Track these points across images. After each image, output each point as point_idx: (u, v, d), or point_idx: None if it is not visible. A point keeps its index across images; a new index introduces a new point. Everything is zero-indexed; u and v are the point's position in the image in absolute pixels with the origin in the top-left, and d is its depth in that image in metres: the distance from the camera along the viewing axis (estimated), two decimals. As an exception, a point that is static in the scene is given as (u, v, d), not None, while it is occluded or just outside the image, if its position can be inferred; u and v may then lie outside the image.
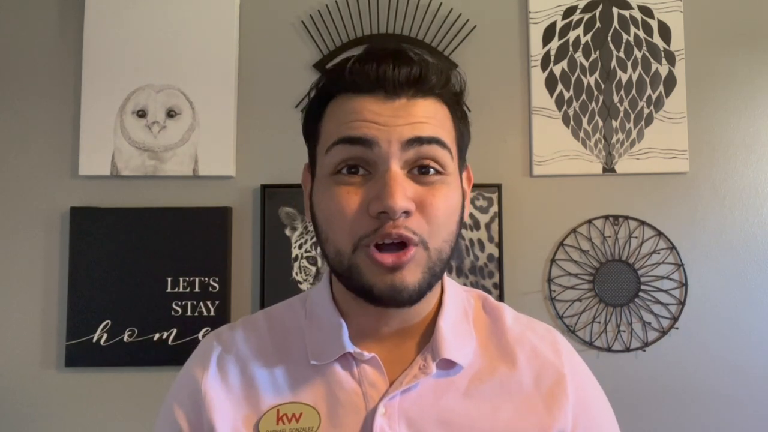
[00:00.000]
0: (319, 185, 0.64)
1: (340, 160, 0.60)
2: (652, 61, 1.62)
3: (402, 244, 0.59)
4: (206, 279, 1.56)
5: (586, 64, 1.62)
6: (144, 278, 1.56)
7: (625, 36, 1.63)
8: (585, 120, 1.61)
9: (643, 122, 1.61)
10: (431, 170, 0.61)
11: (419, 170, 0.60)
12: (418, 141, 0.59)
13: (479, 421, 0.62)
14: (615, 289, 1.58)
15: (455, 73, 0.66)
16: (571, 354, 0.71)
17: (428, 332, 0.67)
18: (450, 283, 0.71)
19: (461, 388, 0.64)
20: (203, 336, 1.53)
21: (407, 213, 0.59)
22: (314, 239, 1.55)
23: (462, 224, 0.66)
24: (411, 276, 0.60)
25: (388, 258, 0.59)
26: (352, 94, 0.62)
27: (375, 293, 0.60)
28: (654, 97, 1.61)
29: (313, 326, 0.68)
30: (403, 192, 0.58)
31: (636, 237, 1.59)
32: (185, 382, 0.67)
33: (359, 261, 0.60)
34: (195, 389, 0.66)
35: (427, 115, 0.61)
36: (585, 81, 1.62)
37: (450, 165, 0.62)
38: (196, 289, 1.56)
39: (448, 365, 0.65)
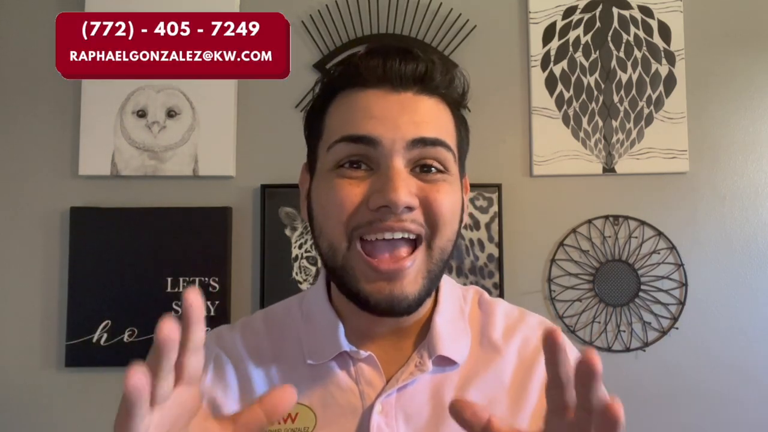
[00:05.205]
0: (319, 181, 0.63)
1: (343, 156, 0.60)
2: (652, 61, 1.62)
3: (399, 242, 0.58)
4: (206, 279, 1.56)
5: (586, 64, 1.62)
6: (144, 278, 1.55)
7: (625, 36, 1.63)
8: (585, 120, 1.61)
9: (643, 122, 1.61)
10: (433, 169, 0.60)
11: (421, 169, 0.60)
12: (422, 142, 0.59)
13: None
14: (615, 289, 1.58)
15: (459, 75, 0.65)
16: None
17: (424, 330, 0.67)
18: (446, 280, 0.71)
19: (457, 383, 0.64)
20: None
21: (410, 209, 0.58)
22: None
23: (461, 230, 0.65)
24: (411, 285, 0.59)
25: (384, 263, 0.58)
26: (358, 89, 0.61)
27: (371, 303, 0.59)
28: (654, 97, 1.61)
29: (309, 326, 0.68)
30: (406, 187, 0.57)
31: (636, 237, 1.59)
32: None
33: (353, 262, 0.59)
34: None
35: (432, 115, 0.61)
36: (585, 81, 1.62)
37: (453, 166, 0.62)
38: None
39: (444, 362, 0.65)
